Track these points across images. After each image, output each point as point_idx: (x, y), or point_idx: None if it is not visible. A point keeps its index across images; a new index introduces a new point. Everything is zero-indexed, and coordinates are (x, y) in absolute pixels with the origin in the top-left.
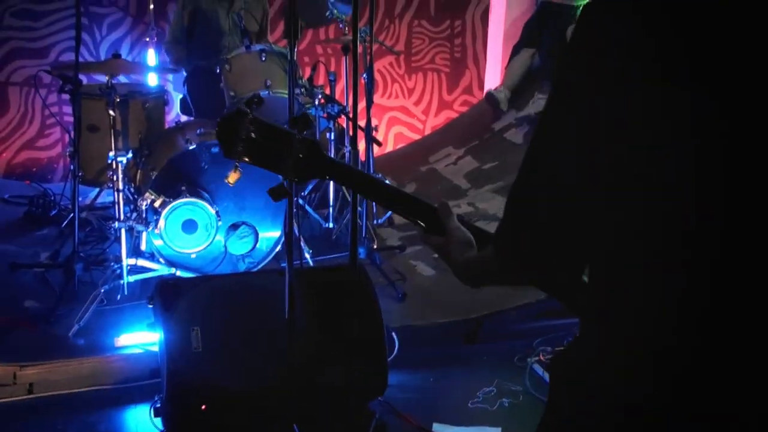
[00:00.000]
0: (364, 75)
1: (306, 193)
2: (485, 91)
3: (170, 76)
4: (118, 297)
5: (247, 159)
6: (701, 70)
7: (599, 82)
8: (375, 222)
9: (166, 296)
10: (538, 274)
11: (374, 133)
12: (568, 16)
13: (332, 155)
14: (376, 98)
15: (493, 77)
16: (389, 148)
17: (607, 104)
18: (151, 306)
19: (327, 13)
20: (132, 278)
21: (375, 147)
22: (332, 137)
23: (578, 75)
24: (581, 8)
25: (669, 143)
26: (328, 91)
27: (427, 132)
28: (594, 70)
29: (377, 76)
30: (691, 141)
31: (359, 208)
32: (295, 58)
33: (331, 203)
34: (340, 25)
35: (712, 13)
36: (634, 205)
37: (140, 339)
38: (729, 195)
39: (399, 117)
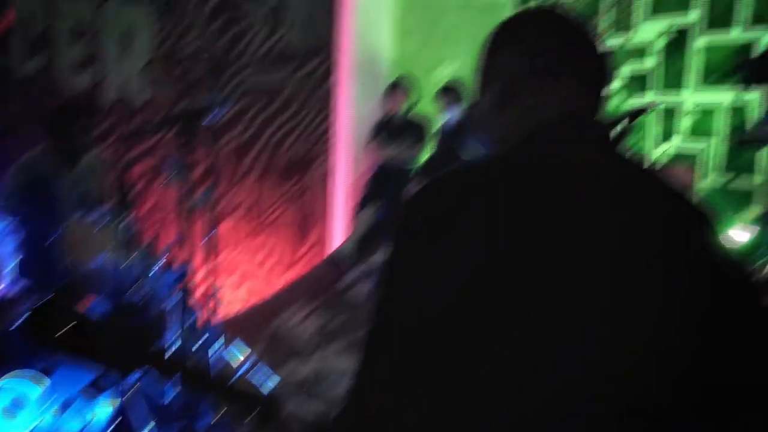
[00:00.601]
0: (207, 237)
1: None
2: (331, 248)
3: None
4: None
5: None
6: (518, 249)
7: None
8: None
9: None
10: None
11: (219, 296)
12: (405, 178)
13: (179, 325)
14: (222, 258)
15: (338, 234)
16: (236, 308)
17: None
18: None
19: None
20: None
21: (220, 310)
22: (172, 305)
23: (412, 256)
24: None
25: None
26: (169, 256)
27: (276, 290)
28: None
29: (223, 236)
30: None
31: None
32: (131, 224)
33: None
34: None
35: (526, 207)
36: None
37: None
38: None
39: (246, 276)
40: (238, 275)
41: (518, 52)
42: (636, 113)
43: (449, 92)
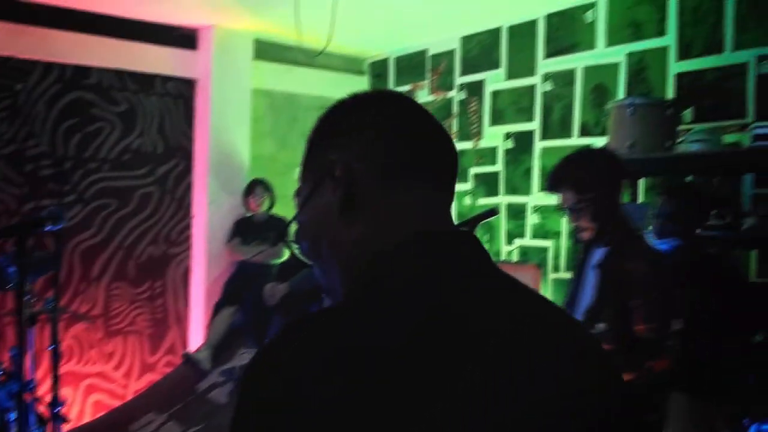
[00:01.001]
0: (51, 347)
1: None
2: (185, 352)
3: None
4: None
5: None
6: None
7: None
8: None
9: None
10: None
11: (63, 408)
12: (267, 275)
13: None
14: (71, 366)
15: (196, 336)
16: (87, 418)
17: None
18: None
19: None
20: None
21: (64, 425)
22: (13, 418)
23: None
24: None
25: None
26: (10, 367)
27: (129, 397)
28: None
29: (72, 343)
30: None
31: None
32: None
33: None
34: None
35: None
36: None
37: None
38: None
39: (97, 384)
40: (87, 383)
41: (359, 146)
42: (485, 215)
43: None
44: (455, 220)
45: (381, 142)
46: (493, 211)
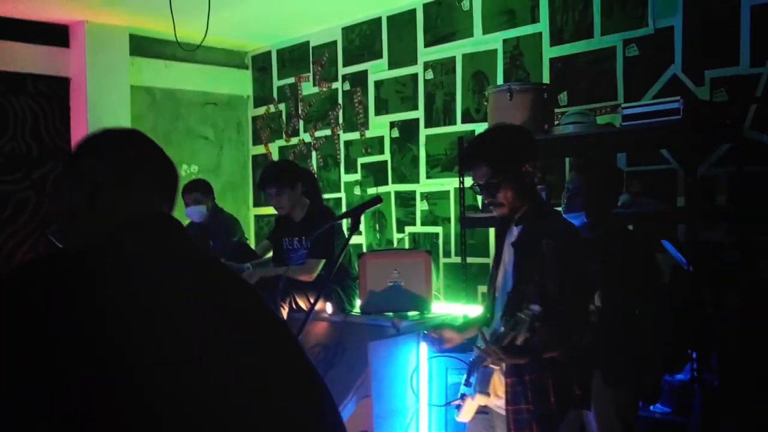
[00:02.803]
0: None
1: None
2: None
3: None
4: None
5: None
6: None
7: None
8: None
9: None
10: None
11: None
12: None
13: None
14: None
15: None
16: None
17: None
18: None
19: None
20: None
21: None
22: None
23: None
24: None
25: None
26: None
27: None
28: None
29: None
30: None
31: None
32: None
33: None
34: None
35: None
36: None
37: None
38: None
39: None
40: None
41: (104, 162)
42: (369, 204)
43: (194, 189)
44: (345, 210)
45: (121, 162)
46: (377, 200)
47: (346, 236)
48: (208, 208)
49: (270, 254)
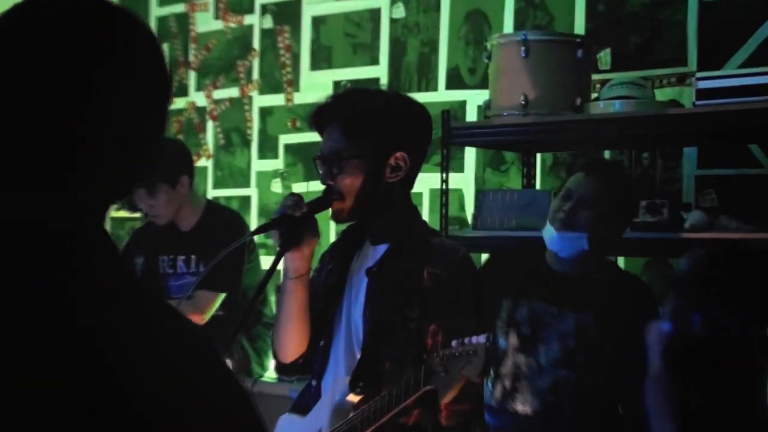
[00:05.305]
0: None
1: None
2: None
3: None
4: None
5: None
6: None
7: None
8: None
9: None
10: None
11: None
12: None
13: None
14: None
15: None
16: None
17: None
18: None
19: None
20: None
21: None
22: None
23: None
24: None
25: None
26: None
27: None
28: None
29: None
30: None
31: None
32: None
33: None
34: None
35: None
36: None
37: None
38: None
39: None
40: None
41: None
42: (316, 204)
43: None
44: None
45: None
46: (325, 199)
47: (260, 257)
48: None
49: None
